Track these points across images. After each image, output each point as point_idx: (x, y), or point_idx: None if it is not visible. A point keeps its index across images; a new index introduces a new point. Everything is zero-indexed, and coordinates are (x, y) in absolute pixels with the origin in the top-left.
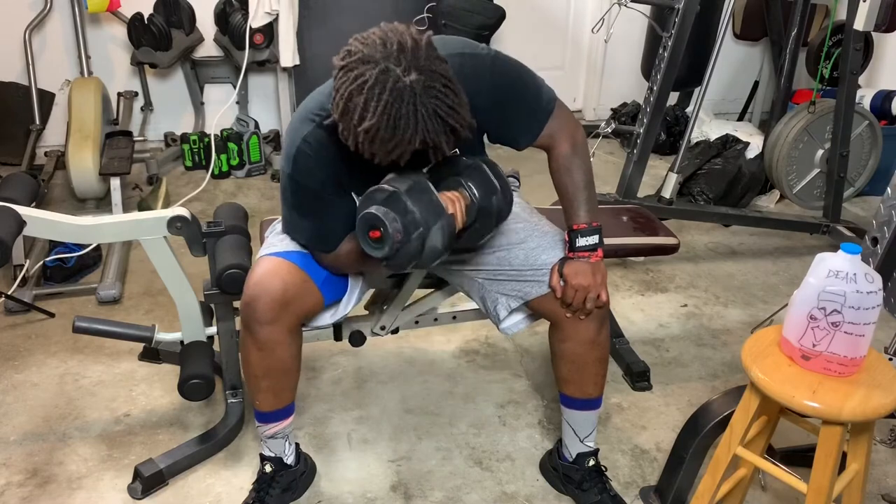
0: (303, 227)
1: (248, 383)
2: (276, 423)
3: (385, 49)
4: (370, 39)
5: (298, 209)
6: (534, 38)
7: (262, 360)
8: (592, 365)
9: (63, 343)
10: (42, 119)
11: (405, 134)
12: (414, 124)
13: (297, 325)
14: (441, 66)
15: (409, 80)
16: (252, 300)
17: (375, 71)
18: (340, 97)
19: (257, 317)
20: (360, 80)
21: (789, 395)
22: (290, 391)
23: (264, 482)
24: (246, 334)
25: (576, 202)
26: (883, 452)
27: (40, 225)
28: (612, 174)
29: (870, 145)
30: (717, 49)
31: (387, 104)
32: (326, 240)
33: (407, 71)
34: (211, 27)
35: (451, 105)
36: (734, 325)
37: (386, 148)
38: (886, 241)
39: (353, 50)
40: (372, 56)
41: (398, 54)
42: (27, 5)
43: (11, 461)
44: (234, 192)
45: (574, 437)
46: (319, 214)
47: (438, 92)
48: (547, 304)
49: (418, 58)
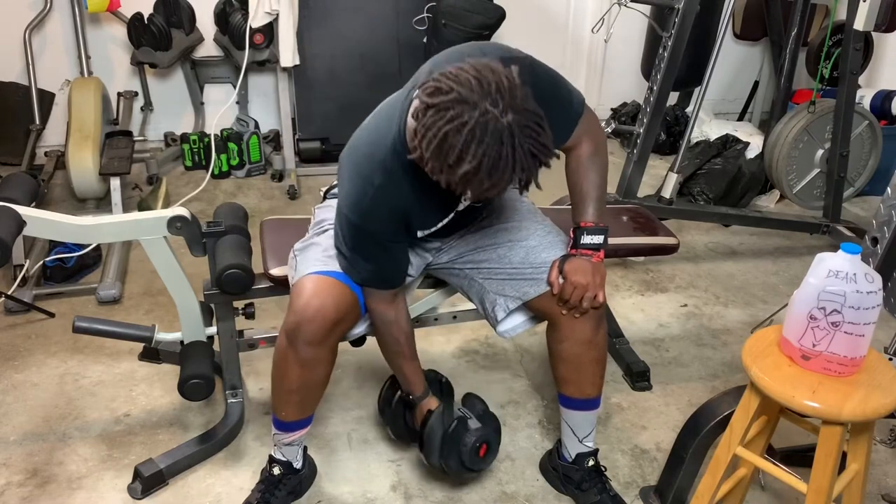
0: (367, 268)
1: (277, 396)
2: (296, 432)
3: (482, 89)
4: (463, 77)
5: (363, 253)
6: (534, 38)
7: (301, 377)
8: (590, 365)
9: (63, 343)
10: (42, 119)
11: (504, 174)
12: (512, 164)
13: (338, 343)
14: (530, 102)
15: (506, 122)
16: (304, 321)
17: (476, 113)
18: (434, 136)
19: (307, 338)
20: (457, 122)
21: (789, 395)
22: (316, 403)
23: (271, 483)
24: (290, 352)
25: (587, 200)
26: (883, 452)
27: (40, 225)
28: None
29: (870, 145)
30: (717, 49)
31: (488, 147)
32: (391, 280)
33: (505, 112)
34: (211, 27)
35: (544, 142)
36: (734, 325)
37: (482, 187)
38: (886, 241)
39: (443, 88)
40: (469, 97)
41: (496, 95)
42: (27, 5)
43: (11, 461)
44: (234, 192)
45: (573, 437)
46: (386, 257)
47: (532, 131)
48: (545, 303)
49: (514, 97)
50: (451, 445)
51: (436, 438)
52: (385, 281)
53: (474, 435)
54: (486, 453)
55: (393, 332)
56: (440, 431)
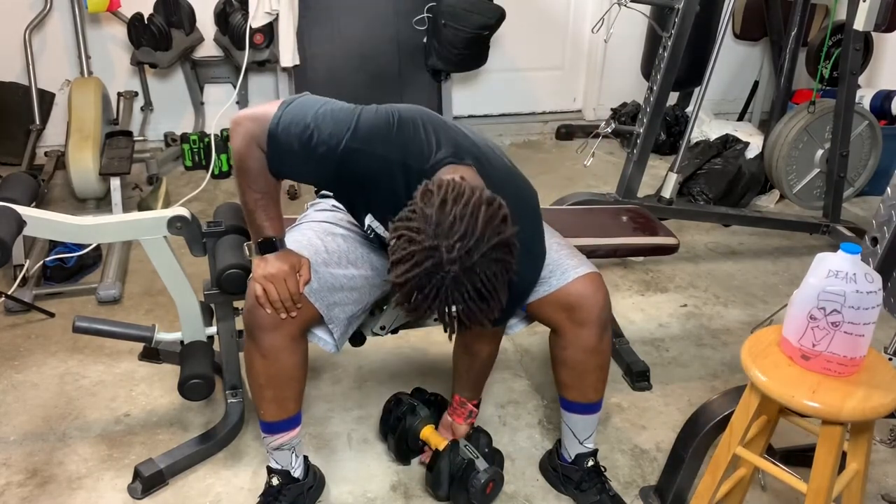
0: (301, 125)
1: (252, 392)
2: (281, 433)
3: (448, 230)
4: (447, 207)
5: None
6: (534, 38)
7: (265, 369)
8: (593, 372)
9: (63, 343)
10: (42, 119)
11: (418, 308)
12: (427, 306)
13: (299, 332)
14: (492, 268)
15: (448, 270)
16: (254, 307)
17: (429, 243)
18: (400, 226)
19: (260, 323)
20: (405, 238)
21: (789, 395)
22: (295, 401)
23: (270, 495)
24: (250, 343)
25: (476, 384)
26: (883, 452)
27: (40, 225)
28: (612, 174)
29: (870, 145)
30: (717, 49)
31: (415, 277)
32: (282, 167)
33: (453, 262)
34: (211, 27)
35: (473, 310)
36: (734, 325)
37: (399, 297)
38: (886, 241)
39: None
40: (429, 230)
41: (457, 245)
42: (27, 5)
43: (11, 461)
44: (234, 192)
45: (573, 439)
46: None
47: (466, 293)
48: (546, 310)
49: (475, 251)
50: (460, 486)
51: (444, 479)
52: (280, 159)
53: (482, 477)
54: (492, 490)
55: (265, 175)
56: (448, 473)
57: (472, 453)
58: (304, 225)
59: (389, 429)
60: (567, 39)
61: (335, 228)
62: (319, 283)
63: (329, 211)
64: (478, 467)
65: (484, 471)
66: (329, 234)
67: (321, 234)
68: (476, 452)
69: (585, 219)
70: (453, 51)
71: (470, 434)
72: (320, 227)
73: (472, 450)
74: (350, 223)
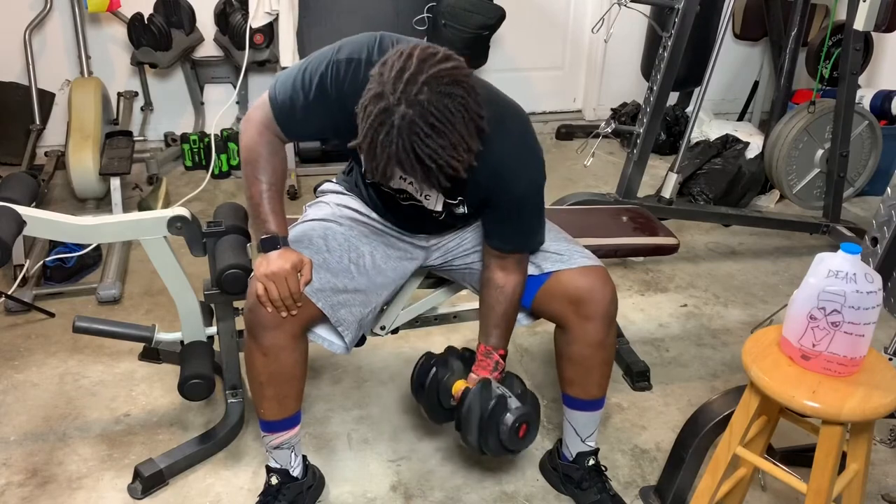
0: (289, 96)
1: (252, 391)
2: (281, 433)
3: (388, 74)
4: (388, 60)
5: (301, 86)
6: (534, 38)
7: (266, 367)
8: (598, 367)
9: (63, 343)
10: (42, 119)
11: (380, 161)
12: (388, 156)
13: (300, 331)
14: (442, 101)
15: (396, 112)
16: (255, 305)
17: (371, 94)
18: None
19: (262, 321)
20: (361, 103)
21: (789, 395)
22: (295, 400)
23: (269, 494)
24: (251, 341)
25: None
26: (883, 452)
27: (40, 225)
28: (612, 174)
29: (870, 145)
30: (717, 49)
31: (370, 128)
32: (290, 123)
33: (399, 102)
34: (211, 27)
35: (433, 147)
36: (734, 325)
37: (369, 166)
38: (886, 241)
39: (377, 67)
40: (379, 80)
41: (394, 82)
42: (27, 5)
43: (11, 461)
44: (234, 192)
45: (575, 436)
46: (310, 110)
47: (420, 130)
48: (553, 304)
49: (413, 88)
50: (490, 425)
51: (474, 418)
52: (288, 117)
53: (514, 414)
54: (525, 433)
55: (274, 161)
56: (478, 411)
57: (506, 392)
58: (304, 224)
59: (420, 385)
60: (567, 39)
61: (336, 226)
62: (321, 282)
63: (329, 209)
64: (510, 405)
65: (517, 409)
66: (330, 232)
67: (322, 232)
68: (509, 392)
69: (585, 219)
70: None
71: (503, 378)
72: (321, 226)
73: (504, 389)
74: (351, 220)
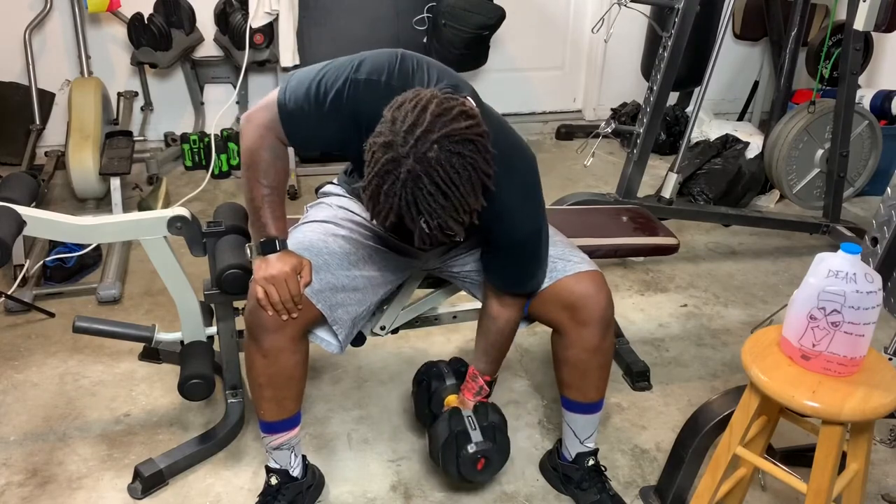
0: (302, 96)
1: (252, 392)
2: (281, 433)
3: (401, 124)
4: (403, 106)
5: (317, 92)
6: (534, 38)
7: (266, 368)
8: (596, 371)
9: (63, 343)
10: (42, 119)
11: (382, 208)
12: (390, 205)
13: (300, 333)
14: (450, 160)
15: (403, 163)
16: (256, 308)
17: (380, 141)
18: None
19: (263, 323)
20: (369, 146)
21: (789, 395)
22: (294, 401)
23: (269, 495)
24: (251, 343)
25: (494, 359)
26: (883, 452)
27: (40, 225)
28: (612, 174)
29: (870, 145)
30: (717, 49)
31: (375, 175)
32: (297, 132)
33: (407, 155)
34: (211, 27)
35: (434, 207)
36: (734, 325)
37: (371, 210)
38: (886, 241)
39: (390, 111)
40: (385, 129)
41: (405, 135)
42: (27, 5)
43: (11, 461)
44: (234, 192)
45: (574, 438)
46: (322, 116)
47: (424, 187)
48: (548, 309)
49: (424, 145)
50: (450, 455)
51: (438, 442)
52: (296, 125)
53: (473, 448)
54: (484, 467)
55: (276, 165)
56: (441, 439)
57: (472, 424)
58: (304, 226)
59: (417, 384)
60: (567, 39)
61: (336, 229)
62: (321, 283)
63: (330, 211)
64: (472, 438)
65: (477, 443)
66: (330, 234)
67: (322, 234)
68: (475, 424)
69: (585, 219)
70: (453, 51)
71: (477, 406)
72: (321, 228)
73: (472, 420)
74: (351, 222)
